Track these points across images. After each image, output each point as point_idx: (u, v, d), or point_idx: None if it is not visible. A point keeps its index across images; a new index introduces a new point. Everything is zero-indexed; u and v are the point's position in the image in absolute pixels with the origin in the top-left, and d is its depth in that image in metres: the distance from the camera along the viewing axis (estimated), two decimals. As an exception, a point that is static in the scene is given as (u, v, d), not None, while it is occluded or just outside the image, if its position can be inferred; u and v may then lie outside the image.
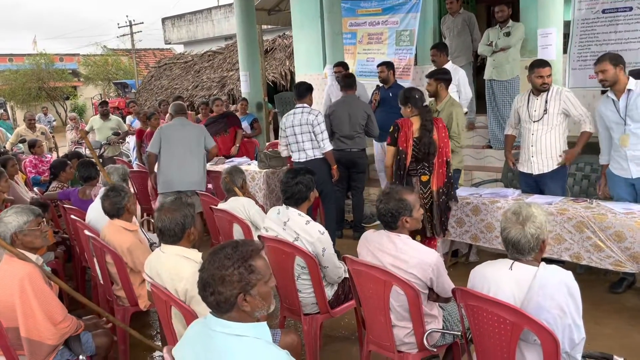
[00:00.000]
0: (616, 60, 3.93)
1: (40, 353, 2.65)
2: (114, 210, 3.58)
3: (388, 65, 6.22)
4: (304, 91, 5.26)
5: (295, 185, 3.25)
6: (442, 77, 4.79)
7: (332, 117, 5.72)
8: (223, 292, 1.70)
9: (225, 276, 1.70)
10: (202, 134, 5.50)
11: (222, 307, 1.72)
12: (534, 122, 4.37)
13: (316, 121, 5.09)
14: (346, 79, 5.78)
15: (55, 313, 2.69)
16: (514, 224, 2.24)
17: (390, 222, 2.76)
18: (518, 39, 6.46)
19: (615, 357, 2.39)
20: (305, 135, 5.15)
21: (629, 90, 3.93)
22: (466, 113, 6.76)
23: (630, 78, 3.98)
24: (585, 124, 4.31)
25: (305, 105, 5.23)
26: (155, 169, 5.57)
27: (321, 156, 5.19)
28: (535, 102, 4.37)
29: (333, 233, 5.33)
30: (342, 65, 6.74)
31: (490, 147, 6.89)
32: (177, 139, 5.36)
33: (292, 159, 5.39)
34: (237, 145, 7.48)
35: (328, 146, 5.15)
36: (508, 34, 6.44)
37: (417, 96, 4.27)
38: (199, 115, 9.11)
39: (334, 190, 5.54)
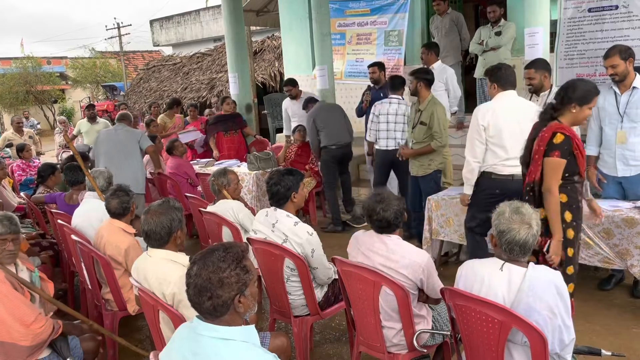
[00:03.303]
0: (626, 53, 3.82)
1: (16, 355, 2.60)
2: (120, 209, 3.55)
3: (380, 66, 6.27)
4: (399, 85, 5.65)
5: (273, 186, 3.23)
6: (421, 77, 4.80)
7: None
8: (222, 295, 1.69)
9: (223, 279, 1.70)
10: (136, 137, 5.77)
11: (218, 311, 1.71)
12: None
13: (408, 112, 5.39)
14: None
15: (25, 315, 2.64)
16: (521, 224, 2.21)
17: (386, 229, 2.76)
18: (509, 39, 6.49)
19: (602, 350, 2.40)
20: (398, 125, 5.49)
21: (634, 87, 3.85)
22: (456, 112, 6.80)
23: (637, 75, 3.87)
24: None
25: (400, 96, 5.61)
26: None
27: None
28: (535, 103, 4.25)
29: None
30: (291, 85, 7.19)
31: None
32: (112, 144, 5.66)
33: (377, 146, 5.69)
34: (256, 136, 7.90)
35: None
36: (499, 34, 6.49)
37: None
38: (188, 118, 9.09)
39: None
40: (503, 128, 3.63)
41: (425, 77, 4.80)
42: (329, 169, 6.21)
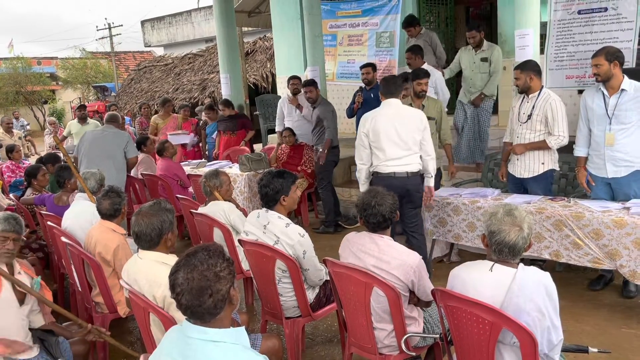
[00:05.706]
0: (612, 55, 3.83)
1: None
2: (111, 210, 3.52)
3: (373, 67, 6.29)
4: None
5: (262, 188, 3.23)
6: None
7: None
8: (221, 289, 1.71)
9: (218, 272, 1.72)
10: (123, 141, 5.69)
11: (218, 307, 1.71)
12: (521, 124, 4.32)
13: None
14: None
15: None
16: (511, 226, 2.20)
17: (381, 224, 2.78)
18: (499, 62, 6.16)
19: (590, 348, 2.41)
20: None
21: (623, 90, 3.86)
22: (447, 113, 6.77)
23: (625, 77, 3.87)
24: (552, 137, 4.17)
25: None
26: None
27: None
28: (525, 104, 4.30)
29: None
30: (298, 79, 7.05)
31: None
32: (95, 144, 5.61)
33: None
34: (247, 139, 7.92)
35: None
36: (485, 60, 6.15)
37: None
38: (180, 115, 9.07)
39: None
40: (380, 132, 4.10)
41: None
42: (330, 170, 6.22)
